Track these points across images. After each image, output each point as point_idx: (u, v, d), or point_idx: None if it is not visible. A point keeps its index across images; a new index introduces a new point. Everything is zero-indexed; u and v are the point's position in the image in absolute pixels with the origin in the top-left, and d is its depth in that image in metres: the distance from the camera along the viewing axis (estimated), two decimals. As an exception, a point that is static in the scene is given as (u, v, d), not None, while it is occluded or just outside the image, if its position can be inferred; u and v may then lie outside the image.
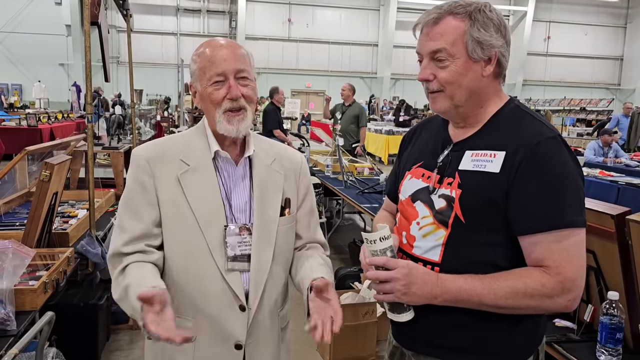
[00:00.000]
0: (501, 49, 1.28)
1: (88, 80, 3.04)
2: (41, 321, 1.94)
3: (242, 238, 1.43)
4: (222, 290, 1.40)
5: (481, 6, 1.28)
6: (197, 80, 1.42)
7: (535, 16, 24.43)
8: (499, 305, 1.22)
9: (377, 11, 24.08)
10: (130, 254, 1.38)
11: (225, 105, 1.39)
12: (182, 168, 1.42)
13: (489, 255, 1.26)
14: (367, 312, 3.35)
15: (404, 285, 1.23)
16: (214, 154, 1.44)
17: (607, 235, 1.82)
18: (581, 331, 1.98)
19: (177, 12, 22.80)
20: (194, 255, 1.40)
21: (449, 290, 1.23)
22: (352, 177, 5.47)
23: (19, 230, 2.85)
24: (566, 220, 1.19)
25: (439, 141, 1.40)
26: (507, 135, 1.27)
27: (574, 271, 1.20)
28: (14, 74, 20.44)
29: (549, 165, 1.21)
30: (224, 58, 1.39)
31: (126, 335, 3.59)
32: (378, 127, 15.17)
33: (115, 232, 1.45)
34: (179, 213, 1.39)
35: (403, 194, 1.43)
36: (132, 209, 1.41)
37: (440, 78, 1.28)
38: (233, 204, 1.45)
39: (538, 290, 1.19)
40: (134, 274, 1.33)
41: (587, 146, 9.52)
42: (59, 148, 3.81)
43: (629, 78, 26.04)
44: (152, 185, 1.40)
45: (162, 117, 14.97)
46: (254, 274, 1.42)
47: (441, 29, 1.27)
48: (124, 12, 4.93)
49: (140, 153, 1.44)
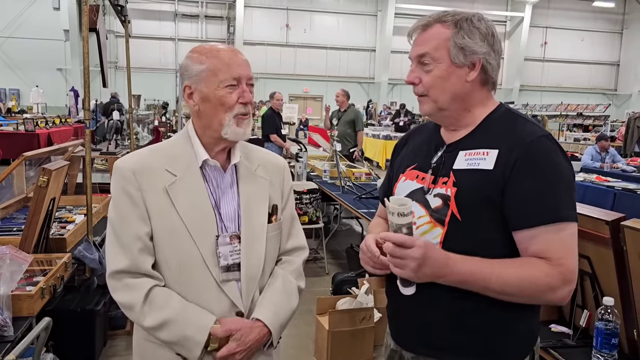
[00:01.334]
0: (486, 55, 1.31)
1: (86, 86, 3.04)
2: (38, 327, 1.94)
3: (234, 247, 1.44)
4: (219, 298, 1.42)
5: (470, 16, 1.33)
6: (202, 82, 1.39)
7: (532, 22, 24.53)
8: (505, 291, 1.23)
9: (375, 17, 24.15)
10: (135, 273, 1.38)
11: (238, 110, 1.40)
12: (170, 179, 1.40)
13: (485, 252, 1.27)
14: (364, 317, 3.36)
15: (418, 265, 1.20)
16: (202, 163, 1.44)
17: (602, 241, 1.83)
18: (577, 336, 1.99)
19: (175, 17, 22.82)
20: (189, 266, 1.40)
21: (459, 272, 1.23)
22: (350, 182, 5.48)
23: (16, 236, 2.85)
24: (562, 214, 1.23)
25: (432, 144, 1.43)
26: (499, 136, 1.31)
27: (574, 263, 1.24)
28: (11, 79, 20.41)
29: (543, 162, 1.25)
30: (238, 63, 1.40)
31: (123, 341, 3.58)
32: (376, 132, 15.20)
33: (112, 248, 1.42)
34: (170, 224, 1.39)
35: (398, 195, 1.44)
36: (123, 222, 1.39)
37: (425, 82, 1.34)
38: (222, 212, 1.45)
39: (543, 280, 1.21)
40: (174, 305, 1.38)
41: (585, 151, 9.55)
42: (56, 153, 3.81)
43: (625, 83, 26.13)
44: (140, 198, 1.39)
45: (160, 122, 14.97)
46: (245, 282, 1.45)
47: (428, 35, 1.34)
48: (122, 17, 4.94)
49: (125, 165, 1.41)
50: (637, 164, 8.77)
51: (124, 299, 1.38)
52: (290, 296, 1.53)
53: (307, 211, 5.10)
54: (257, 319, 1.44)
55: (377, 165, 13.74)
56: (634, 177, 7.71)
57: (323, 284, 4.77)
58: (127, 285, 1.38)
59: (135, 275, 1.38)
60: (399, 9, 23.04)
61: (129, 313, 1.40)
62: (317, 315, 3.48)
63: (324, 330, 3.31)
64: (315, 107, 24.05)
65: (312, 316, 3.66)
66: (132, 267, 1.37)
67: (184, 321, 1.36)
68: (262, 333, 1.43)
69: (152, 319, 1.36)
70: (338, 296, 3.64)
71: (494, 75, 1.36)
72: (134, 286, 1.37)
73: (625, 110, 21.45)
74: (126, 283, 1.38)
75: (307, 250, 1.66)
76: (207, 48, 1.43)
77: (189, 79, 1.42)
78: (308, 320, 3.78)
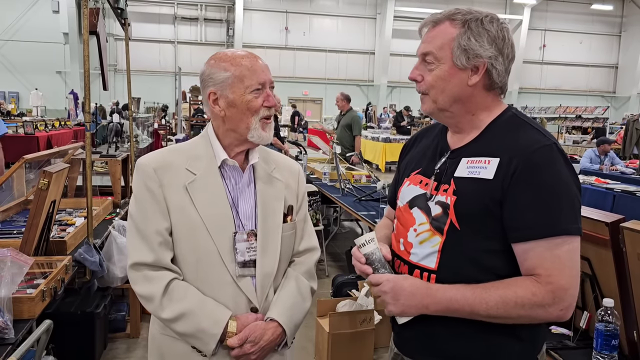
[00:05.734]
0: (492, 60, 1.27)
1: (87, 89, 3.05)
2: (39, 329, 1.94)
3: (250, 244, 1.48)
4: (235, 294, 1.46)
5: (482, 17, 1.28)
6: (228, 88, 1.44)
7: (530, 25, 24.56)
8: (491, 314, 1.21)
9: (374, 19, 24.18)
10: (155, 266, 1.42)
11: (263, 113, 1.46)
12: (189, 177, 1.45)
13: (485, 262, 1.26)
14: (364, 319, 3.36)
15: (392, 297, 1.27)
16: (221, 163, 1.48)
17: (601, 243, 1.84)
18: (577, 338, 1.99)
19: (174, 20, 22.83)
20: (206, 262, 1.44)
21: (440, 301, 1.24)
22: (350, 184, 5.49)
23: (16, 239, 2.84)
24: (559, 228, 1.19)
25: (437, 148, 1.41)
26: (502, 143, 1.27)
27: (566, 280, 1.19)
28: (11, 82, 20.40)
29: (543, 173, 1.20)
30: (262, 69, 1.45)
31: (123, 344, 3.58)
32: (375, 134, 15.20)
33: (133, 240, 1.46)
34: (189, 221, 1.43)
35: (401, 200, 1.44)
36: (145, 216, 1.44)
37: (426, 81, 1.31)
38: (240, 210, 1.50)
39: (529, 299, 1.18)
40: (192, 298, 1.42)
41: (584, 154, 9.56)
42: (56, 156, 3.81)
43: (623, 86, 26.16)
44: (161, 194, 1.43)
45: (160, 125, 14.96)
46: (260, 279, 1.48)
47: (435, 33, 1.30)
48: (122, 20, 4.95)
49: (147, 162, 1.47)
50: (636, 166, 8.77)
51: (144, 290, 1.42)
52: (304, 297, 1.57)
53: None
54: (271, 319, 1.47)
55: (376, 168, 13.75)
56: (633, 179, 7.72)
57: (323, 287, 4.77)
58: (146, 277, 1.42)
59: (155, 268, 1.42)
60: (398, 11, 23.07)
61: (147, 304, 1.43)
62: (318, 318, 3.48)
63: (324, 332, 3.31)
64: (314, 109, 24.05)
65: (312, 318, 3.66)
66: (152, 260, 1.41)
67: (201, 314, 1.40)
68: (277, 333, 1.47)
69: (170, 311, 1.39)
70: (338, 298, 3.65)
71: (501, 81, 1.31)
72: (154, 278, 1.41)
73: (623, 113, 21.47)
74: (146, 275, 1.42)
75: (318, 251, 1.70)
76: (229, 55, 1.47)
77: (214, 86, 1.46)
78: (308, 323, 3.78)
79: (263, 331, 1.44)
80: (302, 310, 1.55)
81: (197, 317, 1.40)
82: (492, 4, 24.19)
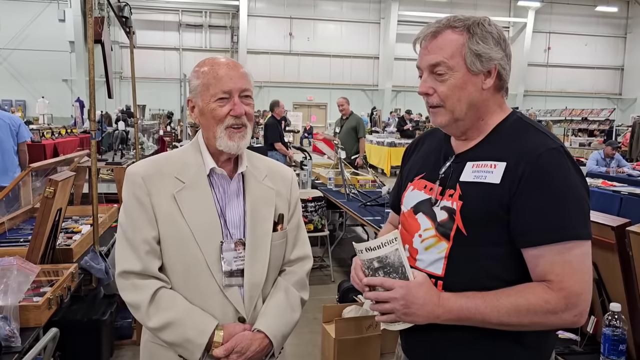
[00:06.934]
0: (501, 61, 1.27)
1: (92, 97, 3.07)
2: (45, 337, 1.95)
3: (238, 253, 1.46)
4: (222, 304, 1.45)
5: (480, 20, 1.28)
6: (199, 96, 1.45)
7: (535, 27, 24.54)
8: (503, 322, 1.20)
9: (378, 24, 24.22)
10: (143, 274, 1.42)
11: (228, 122, 1.43)
12: (178, 186, 1.45)
13: (492, 268, 1.24)
14: (370, 325, 3.34)
15: (403, 305, 1.22)
16: (209, 171, 1.48)
17: (608, 247, 1.83)
18: (584, 343, 1.98)
19: (179, 27, 22.96)
20: (193, 271, 1.44)
21: (451, 310, 1.22)
22: (355, 189, 5.48)
23: (23, 247, 2.86)
24: (569, 233, 1.17)
25: (441, 153, 1.40)
26: (508, 147, 1.26)
27: (578, 285, 1.17)
28: (17, 90, 20.57)
29: (551, 177, 1.19)
30: (230, 77, 1.43)
31: (129, 351, 3.58)
32: (380, 139, 15.20)
33: (121, 248, 1.46)
34: (177, 229, 1.43)
35: (405, 205, 1.43)
36: (133, 225, 1.44)
37: (440, 92, 1.27)
38: (228, 219, 1.48)
39: (541, 306, 1.17)
40: (179, 307, 1.41)
41: (590, 156, 9.51)
42: (62, 164, 3.83)
43: (629, 88, 26.06)
44: (149, 203, 1.43)
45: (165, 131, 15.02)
46: (248, 288, 1.47)
47: (440, 43, 1.27)
48: (127, 29, 4.99)
49: (136, 171, 1.47)
50: (643, 168, 8.72)
51: (131, 298, 1.42)
52: (293, 308, 1.55)
53: (312, 219, 5.11)
54: (258, 330, 1.46)
55: (381, 172, 13.74)
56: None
57: (329, 292, 4.76)
58: (134, 285, 1.42)
59: (143, 276, 1.42)
60: (402, 16, 23.12)
61: (135, 312, 1.43)
62: (324, 323, 3.47)
63: (331, 338, 3.30)
64: (319, 114, 24.09)
65: (318, 324, 3.66)
66: (140, 268, 1.41)
67: (187, 323, 1.40)
68: (264, 344, 1.45)
69: (157, 320, 1.39)
70: (344, 304, 3.64)
71: (507, 80, 1.32)
72: (141, 287, 1.41)
73: (630, 115, 21.37)
74: (133, 283, 1.42)
75: (311, 259, 1.67)
76: (206, 62, 1.48)
77: (190, 93, 1.48)
78: (314, 329, 3.78)
79: (250, 342, 1.43)
80: (291, 321, 1.53)
81: (183, 327, 1.39)
82: (496, 7, 24.19)
